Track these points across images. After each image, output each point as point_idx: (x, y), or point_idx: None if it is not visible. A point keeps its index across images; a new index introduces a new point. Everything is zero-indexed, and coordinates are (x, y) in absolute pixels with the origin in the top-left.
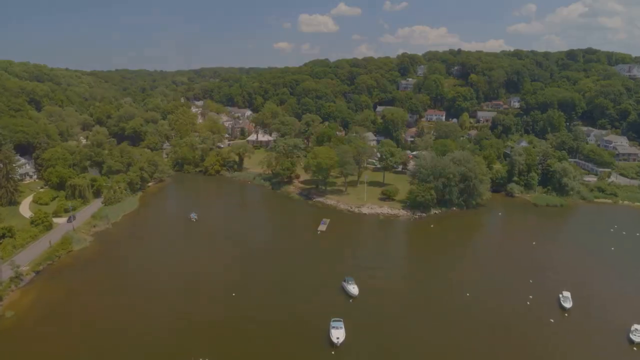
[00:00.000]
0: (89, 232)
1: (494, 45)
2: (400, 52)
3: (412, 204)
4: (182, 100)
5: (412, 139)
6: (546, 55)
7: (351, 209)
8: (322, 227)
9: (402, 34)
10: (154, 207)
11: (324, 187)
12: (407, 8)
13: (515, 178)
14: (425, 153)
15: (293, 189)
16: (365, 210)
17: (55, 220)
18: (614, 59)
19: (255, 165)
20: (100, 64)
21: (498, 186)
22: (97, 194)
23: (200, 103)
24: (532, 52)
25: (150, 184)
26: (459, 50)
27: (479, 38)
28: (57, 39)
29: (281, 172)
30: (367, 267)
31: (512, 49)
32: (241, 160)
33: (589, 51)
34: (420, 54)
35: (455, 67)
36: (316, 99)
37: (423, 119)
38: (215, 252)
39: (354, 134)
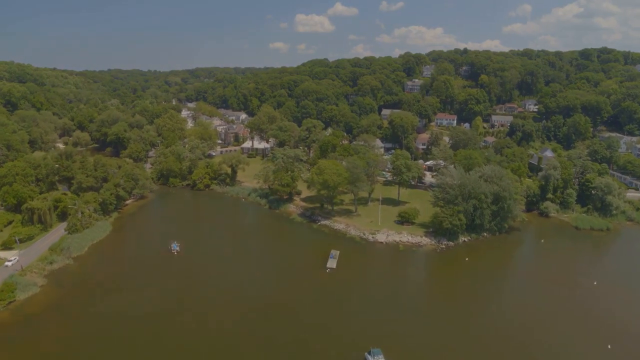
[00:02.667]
0: (42, 271)
1: (490, 45)
2: (396, 51)
3: (438, 230)
4: (174, 102)
5: (424, 147)
6: (558, 54)
7: (364, 236)
8: (332, 263)
9: (399, 34)
10: (129, 234)
11: (330, 207)
12: (403, 8)
13: (549, 195)
14: (451, 169)
15: (294, 208)
16: (381, 237)
17: (1, 255)
18: (630, 58)
19: (250, 177)
20: (95, 64)
21: (529, 204)
22: (63, 216)
23: (193, 105)
24: (544, 51)
25: (128, 201)
26: (465, 50)
27: (475, 38)
28: (48, 39)
29: (280, 188)
30: (396, 332)
31: (521, 49)
32: (234, 172)
33: (604, 51)
34: (423, 53)
35: (464, 68)
36: (316, 102)
37: (432, 124)
38: (195, 310)
39: (362, 143)
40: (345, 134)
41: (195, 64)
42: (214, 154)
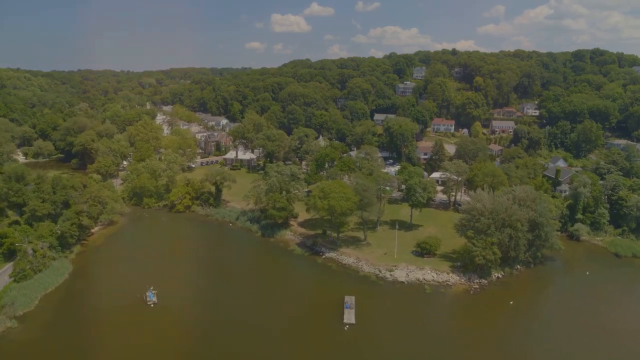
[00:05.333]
0: None
1: (464, 45)
2: (372, 51)
3: (467, 265)
4: (148, 105)
5: (426, 157)
6: (550, 55)
7: (381, 274)
8: (350, 316)
9: (374, 34)
10: (94, 277)
11: (335, 236)
12: (379, 8)
13: (579, 215)
14: (481, 193)
15: (291, 235)
16: (401, 275)
17: None
18: (624, 60)
19: (237, 195)
20: (64, 64)
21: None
22: (11, 255)
23: (168, 108)
24: (535, 52)
25: (95, 229)
26: (454, 50)
27: (450, 39)
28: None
29: (275, 213)
30: None
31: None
32: (219, 191)
33: (597, 52)
34: (400, 53)
35: (456, 69)
36: (304, 106)
37: (429, 129)
38: None
39: (363, 155)
40: (344, 146)
41: (170, 64)
42: (193, 165)
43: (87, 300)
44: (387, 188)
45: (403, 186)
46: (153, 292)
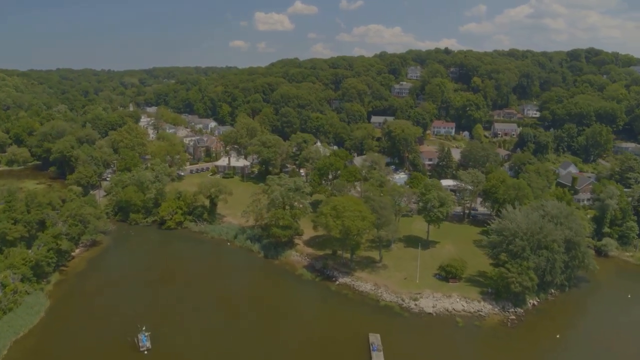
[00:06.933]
0: None
1: (447, 44)
2: (356, 50)
3: (500, 292)
4: (132, 106)
5: (431, 162)
6: (545, 55)
7: (404, 303)
8: None
9: (358, 33)
10: (74, 314)
11: (347, 257)
12: (363, 7)
13: (606, 229)
14: (514, 211)
15: (297, 256)
16: (427, 305)
17: None
18: (620, 60)
19: (233, 208)
20: (41, 63)
21: None
22: None
23: (152, 110)
24: (530, 51)
25: (76, 251)
26: (447, 50)
27: (432, 37)
28: None
29: (279, 232)
30: None
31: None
32: (214, 205)
33: (592, 52)
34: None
35: (451, 69)
36: (298, 108)
37: (429, 132)
38: None
39: (369, 164)
40: (348, 153)
41: (152, 63)
42: (182, 173)
43: (67, 346)
44: (403, 204)
45: (413, 197)
46: (146, 334)
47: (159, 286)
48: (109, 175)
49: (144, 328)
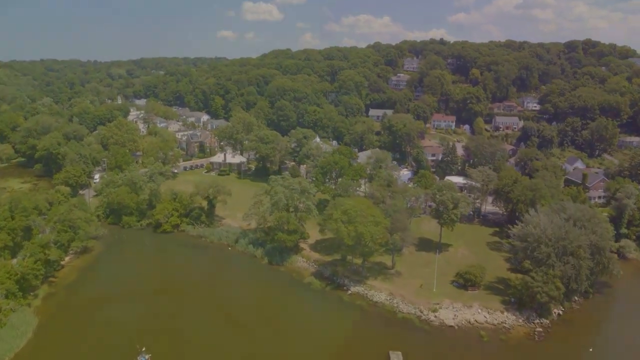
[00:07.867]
0: None
1: (437, 34)
2: (345, 40)
3: (524, 302)
4: (120, 99)
5: (434, 158)
6: (542, 46)
7: (423, 315)
8: None
9: (347, 23)
10: (65, 333)
11: (358, 263)
12: None
13: (623, 230)
14: (537, 216)
15: (304, 262)
16: (447, 316)
17: None
18: (617, 51)
19: (232, 209)
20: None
21: None
22: None
23: (142, 102)
24: (527, 42)
25: (66, 259)
26: (442, 40)
27: (422, 27)
28: None
29: (285, 237)
30: None
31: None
32: (212, 206)
33: (589, 43)
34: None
35: (448, 60)
36: (294, 102)
37: (429, 126)
38: None
39: (373, 161)
40: (352, 151)
41: (139, 54)
42: (176, 171)
43: None
44: (415, 205)
45: (422, 196)
46: (146, 356)
47: (157, 298)
48: (97, 174)
49: (143, 349)
